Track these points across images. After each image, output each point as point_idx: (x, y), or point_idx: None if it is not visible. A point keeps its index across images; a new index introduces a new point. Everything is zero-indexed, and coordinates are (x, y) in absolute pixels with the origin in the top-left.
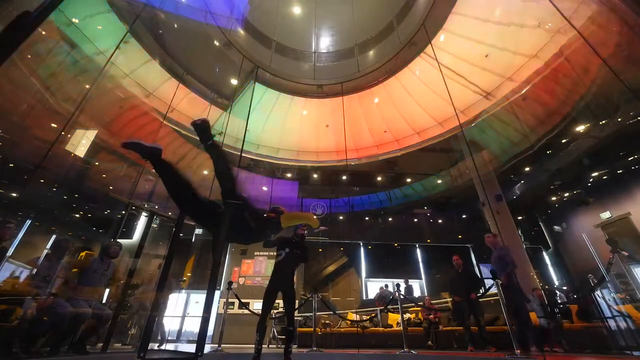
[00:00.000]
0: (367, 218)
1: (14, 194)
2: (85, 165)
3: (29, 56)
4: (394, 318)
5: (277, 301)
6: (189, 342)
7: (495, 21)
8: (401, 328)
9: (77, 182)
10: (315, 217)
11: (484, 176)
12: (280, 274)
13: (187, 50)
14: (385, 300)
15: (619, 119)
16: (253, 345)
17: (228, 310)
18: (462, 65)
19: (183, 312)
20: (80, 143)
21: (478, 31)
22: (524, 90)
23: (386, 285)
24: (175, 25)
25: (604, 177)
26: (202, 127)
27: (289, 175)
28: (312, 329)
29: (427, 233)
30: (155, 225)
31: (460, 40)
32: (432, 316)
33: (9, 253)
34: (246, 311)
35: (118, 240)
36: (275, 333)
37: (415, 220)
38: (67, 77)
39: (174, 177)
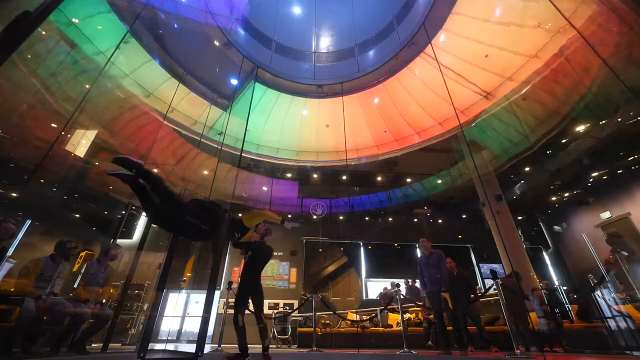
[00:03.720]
0: (367, 218)
1: (14, 194)
2: (85, 165)
3: (29, 56)
4: (394, 318)
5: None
6: (189, 342)
7: (495, 21)
8: (401, 328)
9: (77, 182)
10: (274, 213)
11: (484, 176)
12: (247, 276)
13: (187, 50)
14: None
15: (619, 119)
16: (253, 345)
17: (228, 310)
18: (462, 65)
19: (183, 312)
20: (80, 143)
21: (478, 31)
22: (524, 90)
23: (398, 285)
24: (175, 25)
25: (604, 177)
26: (119, 161)
27: (289, 175)
28: (312, 329)
29: (427, 233)
30: (155, 225)
31: (460, 40)
32: (432, 316)
33: (9, 253)
34: (246, 311)
35: (118, 240)
36: (275, 333)
37: (415, 220)
38: (67, 77)
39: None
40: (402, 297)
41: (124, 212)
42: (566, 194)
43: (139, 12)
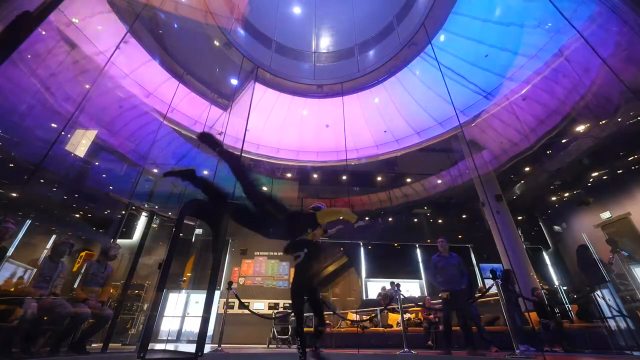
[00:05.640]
0: (367, 218)
1: (14, 194)
2: (85, 165)
3: (29, 56)
4: (394, 318)
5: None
6: (189, 342)
7: (495, 21)
8: (401, 328)
9: (77, 182)
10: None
11: (484, 176)
12: (303, 276)
13: (187, 50)
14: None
15: (619, 119)
16: (253, 345)
17: (228, 310)
18: (462, 65)
19: (183, 312)
20: (80, 143)
21: (478, 31)
22: (524, 90)
23: (398, 285)
24: (175, 25)
25: (604, 177)
26: (203, 138)
27: (289, 175)
28: (312, 328)
29: (427, 233)
30: (155, 225)
31: (460, 40)
32: (432, 316)
33: (9, 253)
34: (246, 311)
35: (118, 240)
36: (275, 333)
37: (415, 220)
38: (67, 77)
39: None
40: (402, 297)
41: (124, 212)
42: (566, 194)
43: (139, 12)
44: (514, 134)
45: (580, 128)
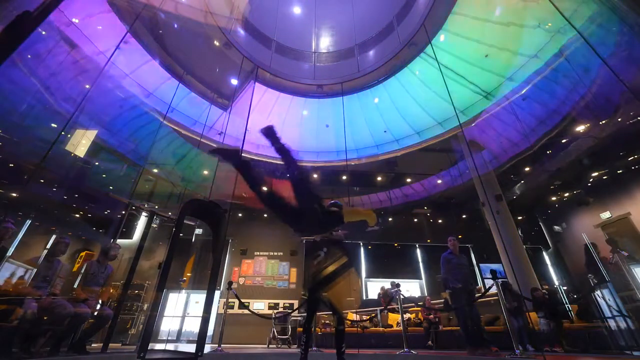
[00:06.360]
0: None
1: (14, 194)
2: (85, 165)
3: (29, 56)
4: (394, 318)
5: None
6: (189, 342)
7: (495, 21)
8: (401, 328)
9: (77, 182)
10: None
11: (484, 176)
12: (321, 275)
13: (187, 50)
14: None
15: (619, 119)
16: (253, 345)
17: (228, 310)
18: (462, 65)
19: (183, 312)
20: (80, 143)
21: (478, 31)
22: (524, 90)
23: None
24: (175, 25)
25: (604, 177)
26: (266, 132)
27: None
28: (312, 328)
29: (427, 233)
30: (155, 225)
31: (460, 40)
32: (432, 316)
33: (9, 253)
34: (246, 311)
35: (118, 240)
36: (275, 333)
37: (415, 220)
38: (67, 77)
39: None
40: (402, 297)
41: (124, 212)
42: (566, 194)
43: (139, 12)
44: (514, 134)
45: (580, 128)
